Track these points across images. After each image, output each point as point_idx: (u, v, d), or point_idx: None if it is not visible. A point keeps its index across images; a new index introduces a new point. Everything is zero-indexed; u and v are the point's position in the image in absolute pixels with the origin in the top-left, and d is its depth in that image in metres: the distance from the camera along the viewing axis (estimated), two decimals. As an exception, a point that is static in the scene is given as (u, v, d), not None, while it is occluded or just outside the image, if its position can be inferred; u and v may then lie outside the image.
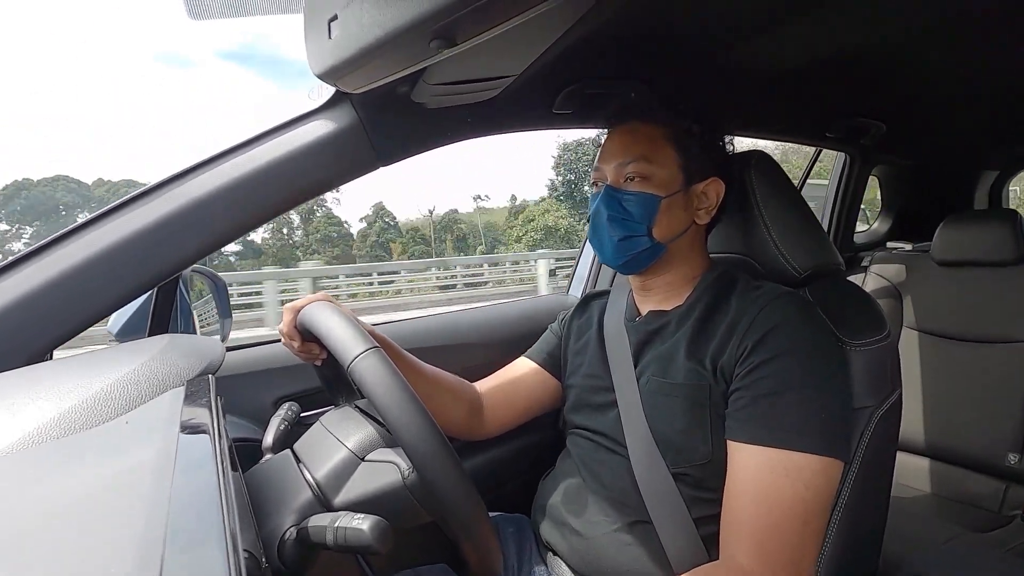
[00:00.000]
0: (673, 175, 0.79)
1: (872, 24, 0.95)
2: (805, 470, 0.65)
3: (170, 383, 0.52)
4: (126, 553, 0.28)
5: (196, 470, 0.37)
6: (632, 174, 0.78)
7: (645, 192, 0.78)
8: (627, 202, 0.78)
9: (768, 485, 0.65)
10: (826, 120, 1.51)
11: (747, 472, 0.67)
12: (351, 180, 0.88)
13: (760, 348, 0.69)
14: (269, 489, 0.65)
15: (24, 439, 0.43)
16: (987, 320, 1.47)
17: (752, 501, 0.66)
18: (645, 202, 0.78)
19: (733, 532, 0.67)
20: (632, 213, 0.78)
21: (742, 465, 0.68)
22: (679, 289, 0.83)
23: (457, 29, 0.55)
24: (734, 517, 0.67)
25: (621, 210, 0.78)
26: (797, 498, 0.64)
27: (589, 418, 0.85)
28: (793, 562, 0.64)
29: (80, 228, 0.75)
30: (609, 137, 0.84)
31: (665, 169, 0.79)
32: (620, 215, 0.78)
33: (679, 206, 0.79)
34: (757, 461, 0.66)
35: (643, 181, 0.78)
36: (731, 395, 0.71)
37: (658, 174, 0.78)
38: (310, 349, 0.78)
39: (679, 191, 0.79)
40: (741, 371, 0.70)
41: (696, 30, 0.92)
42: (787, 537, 0.64)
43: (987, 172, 2.12)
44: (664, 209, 0.78)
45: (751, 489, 0.66)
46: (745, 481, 0.67)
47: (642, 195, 0.78)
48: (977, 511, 1.42)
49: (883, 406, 0.77)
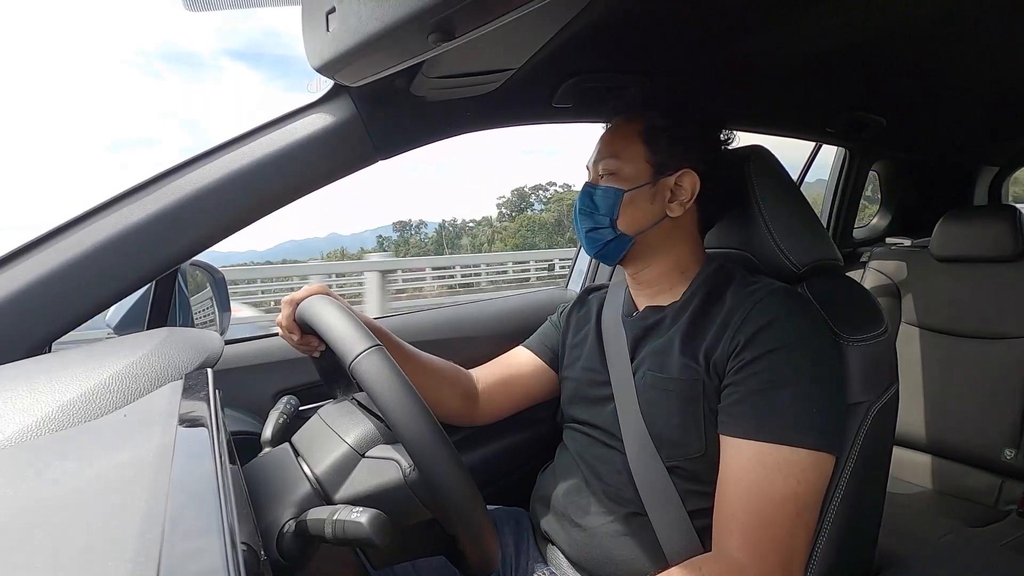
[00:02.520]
0: (639, 169, 0.81)
1: (873, 19, 0.94)
2: (797, 465, 0.65)
3: (169, 376, 0.52)
4: (124, 546, 0.28)
5: (194, 463, 0.37)
6: (603, 171, 0.82)
7: (610, 186, 0.81)
8: (596, 196, 0.82)
9: (760, 479, 0.66)
10: (826, 115, 1.51)
11: (739, 466, 0.68)
12: (350, 173, 0.88)
13: (752, 344, 0.70)
14: (268, 482, 0.66)
15: (22, 432, 0.43)
16: (985, 316, 1.47)
17: (745, 495, 0.66)
18: (609, 195, 0.81)
19: (725, 525, 0.67)
20: (598, 206, 0.81)
21: (734, 460, 0.68)
22: (673, 283, 0.83)
23: (455, 22, 0.55)
24: (726, 510, 0.68)
25: (591, 204, 0.82)
26: (789, 492, 0.65)
27: (586, 412, 0.86)
28: (785, 556, 0.65)
29: (79, 220, 0.74)
30: (600, 138, 0.87)
31: (631, 164, 0.81)
32: (589, 208, 0.82)
33: (644, 199, 0.80)
34: (749, 456, 0.67)
35: (611, 176, 0.82)
36: (723, 390, 0.72)
37: (624, 169, 0.81)
38: (309, 342, 0.78)
39: (645, 184, 0.80)
40: (733, 366, 0.71)
41: (696, 24, 0.91)
42: (779, 531, 0.65)
43: (987, 168, 2.11)
44: (627, 201, 0.80)
45: (743, 483, 0.67)
46: (737, 475, 0.67)
47: (607, 189, 0.81)
48: (973, 506, 1.42)
49: (880, 401, 0.77)
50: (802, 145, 1.73)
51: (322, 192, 0.86)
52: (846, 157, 1.87)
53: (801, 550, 0.67)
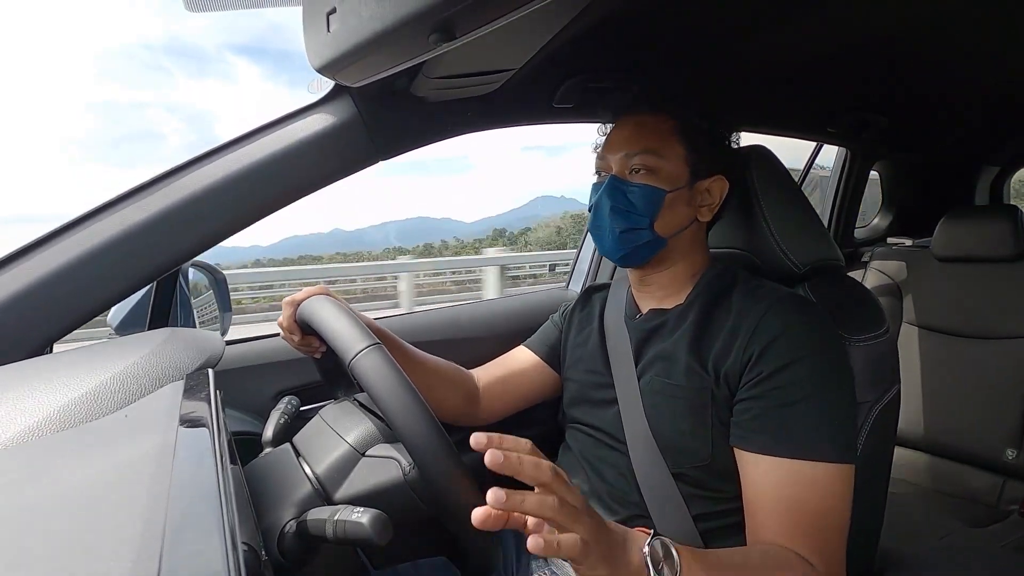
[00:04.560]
0: (679, 170, 0.78)
1: (874, 18, 0.94)
2: (828, 479, 0.65)
3: (170, 377, 0.52)
4: (125, 546, 0.28)
5: (195, 463, 0.37)
6: (638, 166, 0.77)
7: (650, 185, 0.77)
8: (632, 194, 0.77)
9: (797, 496, 0.64)
10: (828, 115, 1.51)
11: (773, 485, 0.66)
12: (351, 174, 0.88)
13: (767, 356, 0.68)
14: (269, 482, 0.66)
15: (24, 432, 0.43)
16: (986, 316, 1.47)
17: (786, 514, 0.65)
18: (650, 195, 0.76)
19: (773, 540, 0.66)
20: (636, 205, 0.77)
21: (765, 477, 0.66)
22: (679, 286, 0.82)
23: (456, 22, 0.55)
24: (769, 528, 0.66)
25: (625, 201, 0.77)
26: (827, 507, 0.65)
27: (589, 413, 0.85)
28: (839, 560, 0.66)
29: (80, 221, 0.74)
30: (616, 127, 0.83)
31: (672, 163, 0.77)
32: (623, 207, 0.77)
33: (683, 201, 0.78)
34: (781, 475, 0.65)
35: (649, 174, 0.77)
36: (738, 403, 0.70)
37: (665, 168, 0.77)
38: (310, 343, 0.78)
39: (684, 186, 0.78)
40: (749, 379, 0.69)
41: (698, 24, 0.91)
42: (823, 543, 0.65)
43: (988, 167, 2.11)
44: (668, 204, 0.77)
45: (783, 503, 0.65)
46: (774, 494, 0.65)
47: (647, 188, 0.76)
48: (974, 506, 1.42)
49: (882, 401, 0.77)
50: (803, 146, 1.73)
51: (324, 189, 0.86)
52: (847, 157, 1.86)
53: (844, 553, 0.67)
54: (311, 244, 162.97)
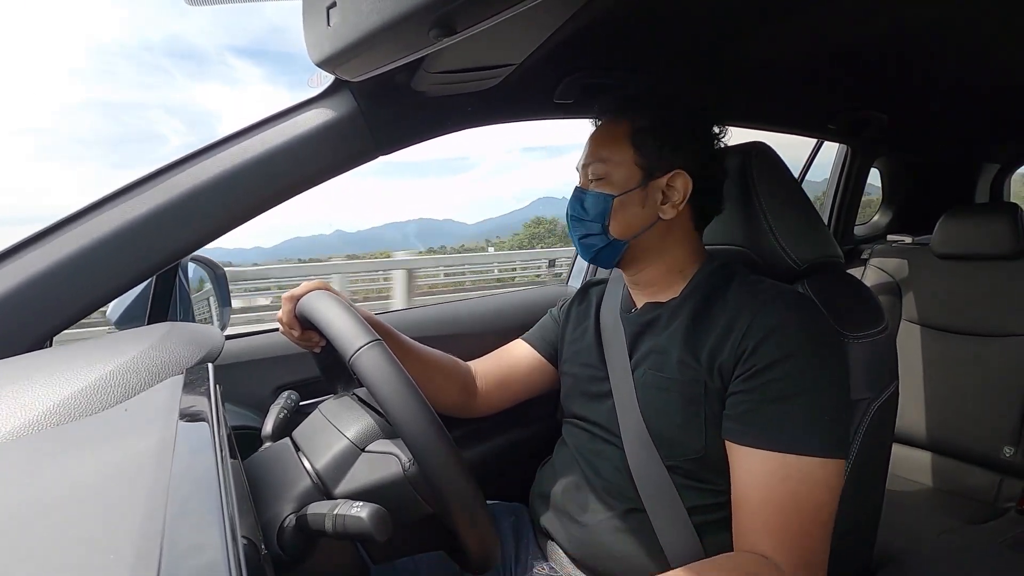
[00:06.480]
0: (630, 173, 0.79)
1: (875, 16, 0.94)
2: (819, 475, 0.65)
3: (169, 371, 0.52)
4: (125, 540, 0.28)
5: (195, 458, 0.37)
6: (593, 176, 0.80)
7: (601, 192, 0.79)
8: (586, 202, 0.80)
9: (788, 491, 0.65)
10: (828, 112, 1.51)
11: (762, 478, 0.66)
12: (351, 168, 0.88)
13: (762, 351, 0.68)
14: (268, 477, 0.66)
15: (23, 426, 0.43)
16: (986, 314, 1.47)
17: (775, 509, 0.65)
18: (599, 201, 0.79)
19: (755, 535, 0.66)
20: (588, 212, 0.80)
21: (755, 470, 0.67)
22: (670, 281, 0.82)
23: (456, 17, 0.55)
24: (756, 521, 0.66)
25: (580, 210, 0.80)
26: (819, 502, 0.65)
27: (584, 407, 0.86)
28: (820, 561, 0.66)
29: (80, 215, 0.74)
30: (588, 138, 0.84)
31: (621, 168, 0.79)
32: (579, 215, 0.81)
33: (635, 203, 0.79)
34: (771, 468, 0.66)
35: (600, 182, 0.79)
36: (731, 396, 0.70)
37: (614, 173, 0.79)
38: (309, 337, 0.78)
39: (635, 188, 0.78)
40: (742, 373, 0.69)
41: (699, 21, 0.91)
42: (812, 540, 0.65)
43: (988, 165, 2.11)
44: (618, 207, 0.78)
45: (774, 497, 0.65)
46: (762, 488, 0.66)
47: (597, 195, 0.79)
48: (972, 503, 1.43)
49: (880, 398, 0.77)
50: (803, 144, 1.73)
51: (325, 190, 0.86)
52: (847, 154, 1.86)
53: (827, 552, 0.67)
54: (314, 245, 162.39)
